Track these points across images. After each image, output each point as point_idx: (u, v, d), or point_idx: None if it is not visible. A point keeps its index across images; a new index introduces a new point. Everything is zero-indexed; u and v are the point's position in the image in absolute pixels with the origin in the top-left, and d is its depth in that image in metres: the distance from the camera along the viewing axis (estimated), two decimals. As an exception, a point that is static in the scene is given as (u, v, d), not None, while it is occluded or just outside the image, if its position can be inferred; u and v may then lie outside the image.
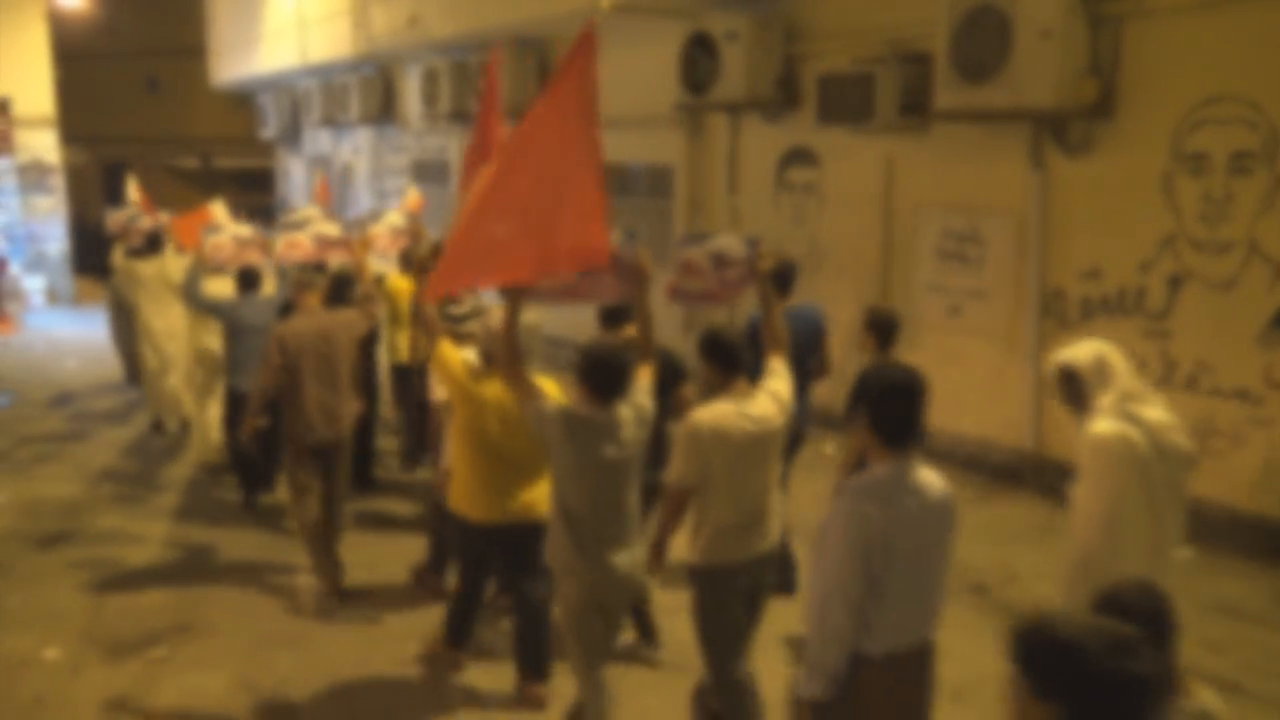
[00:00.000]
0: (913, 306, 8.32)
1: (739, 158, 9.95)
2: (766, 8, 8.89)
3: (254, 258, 7.12)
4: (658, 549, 3.95)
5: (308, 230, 6.86)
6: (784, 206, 9.50)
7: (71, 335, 13.93)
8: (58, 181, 16.85)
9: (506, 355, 3.85)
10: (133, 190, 11.09)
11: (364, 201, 17.84)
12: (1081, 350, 3.82)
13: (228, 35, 21.21)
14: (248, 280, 7.06)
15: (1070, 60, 6.56)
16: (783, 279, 5.42)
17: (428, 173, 15.87)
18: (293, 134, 19.72)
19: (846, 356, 8.96)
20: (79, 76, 21.26)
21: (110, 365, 11.40)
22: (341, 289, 6.23)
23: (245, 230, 7.24)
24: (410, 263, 7.12)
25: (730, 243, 4.42)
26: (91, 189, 24.08)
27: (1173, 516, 3.71)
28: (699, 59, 9.24)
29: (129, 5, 24.90)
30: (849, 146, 8.65)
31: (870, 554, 2.84)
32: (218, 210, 8.45)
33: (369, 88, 15.94)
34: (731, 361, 3.80)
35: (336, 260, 7.16)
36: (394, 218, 7.74)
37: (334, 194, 18.36)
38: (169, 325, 8.65)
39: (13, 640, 5.36)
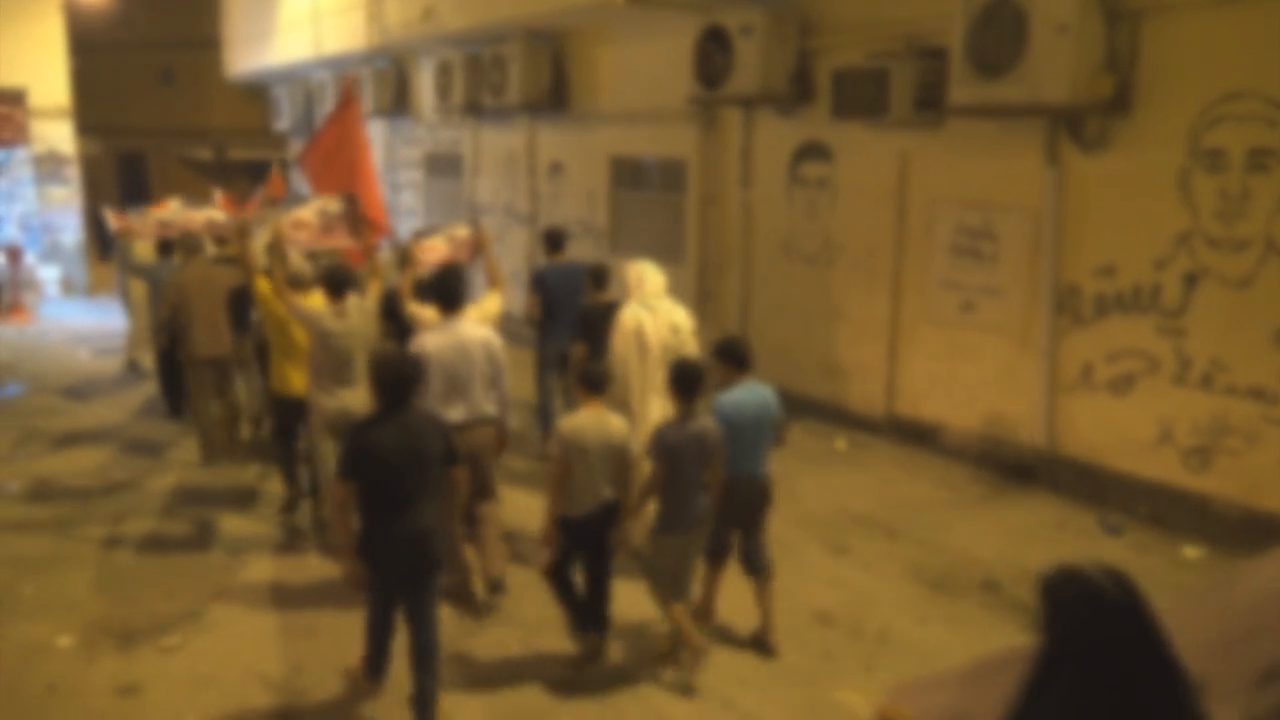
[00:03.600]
0: (926, 302, 8.30)
1: (752, 152, 9.93)
2: (781, 1, 8.86)
3: (171, 235, 9.08)
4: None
5: (202, 212, 9.27)
6: (797, 201, 9.48)
7: (86, 325, 14.00)
8: (73, 172, 16.91)
9: (278, 281, 6.07)
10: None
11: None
12: (631, 268, 6.26)
13: (242, 27, 21.25)
14: (163, 249, 9.32)
15: (1086, 55, 6.52)
16: (555, 241, 8.16)
17: (441, 165, 15.89)
18: (306, 126, 19.74)
19: (854, 349, 8.95)
20: (94, 68, 21.35)
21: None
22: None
23: (170, 216, 9.24)
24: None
25: (457, 226, 7.38)
26: (107, 180, 24.19)
27: (669, 361, 5.58)
28: (713, 53, 9.22)
29: (144, -3, 24.98)
30: (863, 141, 8.62)
31: (428, 364, 5.21)
32: (173, 203, 10.43)
33: (382, 80, 15.96)
34: (446, 300, 5.53)
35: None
36: (305, 212, 8.46)
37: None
38: (133, 285, 10.46)
39: (26, 628, 5.40)
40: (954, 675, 2.49)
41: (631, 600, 5.25)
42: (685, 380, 4.75)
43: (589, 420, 4.74)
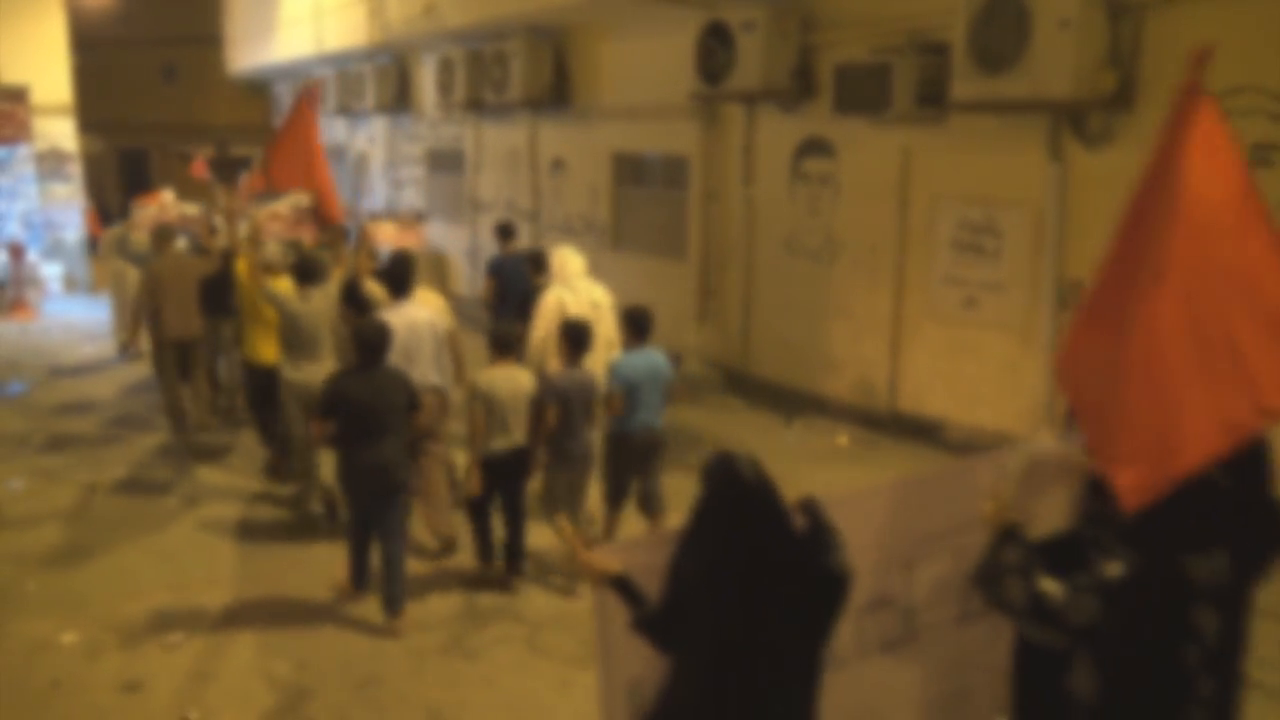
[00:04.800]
0: (929, 298, 8.29)
1: (754, 148, 9.92)
2: (783, -3, 8.85)
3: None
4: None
5: (178, 208, 10.51)
6: (799, 197, 9.47)
7: (89, 321, 14.00)
8: (75, 169, 16.89)
9: (253, 266, 6.79)
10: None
11: (379, 190, 17.88)
12: (555, 254, 7.09)
13: (244, 24, 21.26)
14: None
15: (1089, 50, 6.50)
16: (506, 232, 9.25)
17: (442, 162, 15.88)
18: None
19: (856, 345, 8.94)
20: (96, 65, 21.35)
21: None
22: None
23: (160, 212, 10.29)
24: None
25: (406, 213, 10.43)
26: (108, 177, 24.20)
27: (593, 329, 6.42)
28: (715, 49, 9.21)
29: (146, -7, 24.96)
30: (865, 137, 8.61)
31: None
32: (167, 195, 11.31)
33: (384, 77, 15.95)
34: (397, 282, 6.28)
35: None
36: (280, 206, 9.10)
37: (349, 183, 18.40)
38: (128, 272, 10.98)
39: (30, 625, 5.41)
40: (654, 538, 3.19)
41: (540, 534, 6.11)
42: (574, 338, 5.67)
43: (500, 375, 5.61)
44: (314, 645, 5.18)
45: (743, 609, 2.60)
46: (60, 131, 16.58)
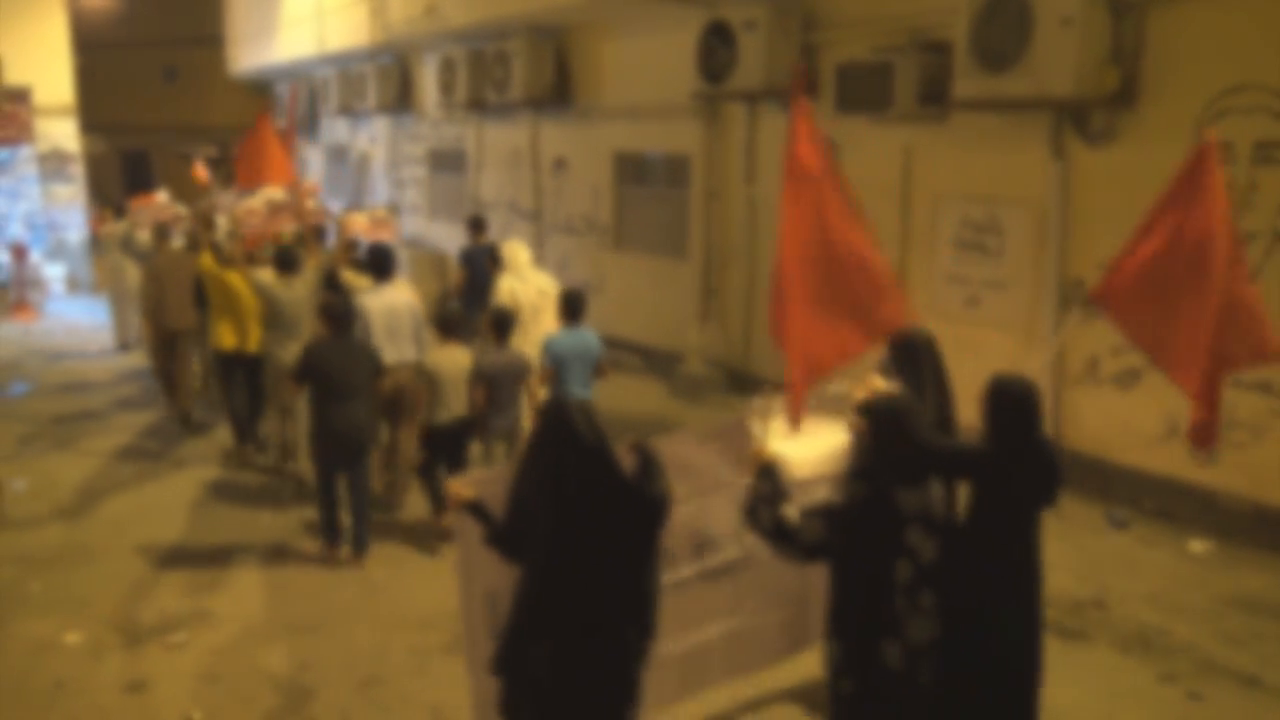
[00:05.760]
0: (931, 297, 8.28)
1: (756, 147, 9.91)
2: (784, -4, 8.85)
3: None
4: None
5: (172, 208, 11.14)
6: (801, 196, 9.45)
7: (91, 322, 14.02)
8: (77, 170, 16.92)
9: (240, 258, 7.77)
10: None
11: (380, 190, 17.89)
12: (506, 247, 7.76)
13: (245, 24, 21.27)
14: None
15: (1091, 48, 6.49)
16: (478, 225, 10.00)
17: (444, 162, 15.88)
18: (310, 123, 19.77)
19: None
20: (98, 66, 21.36)
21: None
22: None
23: (165, 206, 11.08)
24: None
25: (378, 209, 10.36)
26: (111, 177, 24.22)
27: (537, 316, 7.30)
28: (716, 47, 9.20)
29: (147, -6, 24.98)
30: (867, 136, 8.59)
31: (371, 319, 6.57)
32: (161, 195, 12.02)
33: (386, 77, 15.95)
34: (380, 269, 6.95)
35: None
36: (254, 202, 9.62)
37: (352, 182, 18.41)
38: (130, 269, 11.41)
39: (34, 625, 5.42)
40: (506, 471, 3.57)
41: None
42: (498, 323, 6.38)
43: (445, 356, 6.28)
44: (317, 645, 5.18)
45: (565, 527, 3.05)
46: (62, 132, 16.61)
